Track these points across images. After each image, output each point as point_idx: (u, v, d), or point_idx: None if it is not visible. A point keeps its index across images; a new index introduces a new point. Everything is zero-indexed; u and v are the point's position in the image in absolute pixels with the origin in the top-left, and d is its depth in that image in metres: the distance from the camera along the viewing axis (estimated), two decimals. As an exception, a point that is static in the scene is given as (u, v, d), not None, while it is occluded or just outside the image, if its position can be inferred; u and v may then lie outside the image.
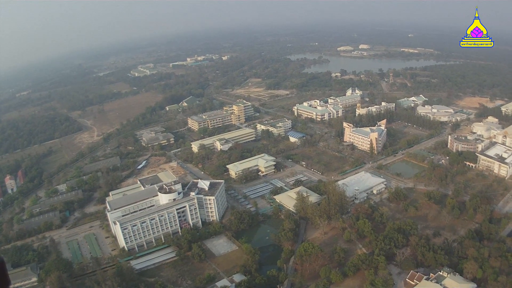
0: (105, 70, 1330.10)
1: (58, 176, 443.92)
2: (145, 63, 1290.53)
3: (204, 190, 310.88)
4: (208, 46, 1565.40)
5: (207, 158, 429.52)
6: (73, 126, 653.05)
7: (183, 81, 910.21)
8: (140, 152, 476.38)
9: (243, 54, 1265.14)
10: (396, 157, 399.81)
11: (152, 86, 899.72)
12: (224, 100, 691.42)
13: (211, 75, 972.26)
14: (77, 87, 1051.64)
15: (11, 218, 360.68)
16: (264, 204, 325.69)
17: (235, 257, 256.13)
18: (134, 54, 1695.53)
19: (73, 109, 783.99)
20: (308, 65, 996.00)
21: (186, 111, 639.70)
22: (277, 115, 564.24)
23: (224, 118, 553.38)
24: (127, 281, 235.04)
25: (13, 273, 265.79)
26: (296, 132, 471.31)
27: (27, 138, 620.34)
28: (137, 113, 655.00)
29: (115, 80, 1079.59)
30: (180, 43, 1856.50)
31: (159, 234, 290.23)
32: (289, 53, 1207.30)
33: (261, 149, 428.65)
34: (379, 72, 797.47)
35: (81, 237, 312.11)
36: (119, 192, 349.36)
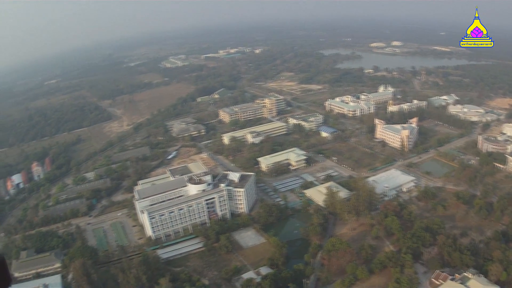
0: (135, 60, 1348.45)
1: (86, 164, 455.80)
2: (176, 55, 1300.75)
3: (234, 182, 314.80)
4: (240, 39, 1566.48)
5: (238, 150, 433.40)
6: (103, 115, 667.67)
7: (215, 73, 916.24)
8: (170, 143, 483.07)
9: (275, 48, 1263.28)
10: (426, 155, 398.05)
11: (184, 77, 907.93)
12: (256, 93, 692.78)
13: (243, 68, 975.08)
14: (107, 76, 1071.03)
15: (37, 204, 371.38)
16: (294, 198, 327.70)
17: (263, 250, 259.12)
18: (165, 45, 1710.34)
19: (103, 98, 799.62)
20: (341, 61, 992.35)
21: (218, 103, 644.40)
22: (309, 109, 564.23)
23: (255, 111, 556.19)
24: (153, 270, 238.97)
25: (36, 258, 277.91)
26: (328, 127, 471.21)
27: (55, 126, 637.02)
28: (168, 103, 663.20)
29: (146, 70, 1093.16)
30: (212, 35, 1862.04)
31: (187, 224, 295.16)
32: (322, 48, 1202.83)
33: (293, 143, 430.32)
34: (411, 70, 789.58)
35: (108, 225, 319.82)
36: (147, 181, 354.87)
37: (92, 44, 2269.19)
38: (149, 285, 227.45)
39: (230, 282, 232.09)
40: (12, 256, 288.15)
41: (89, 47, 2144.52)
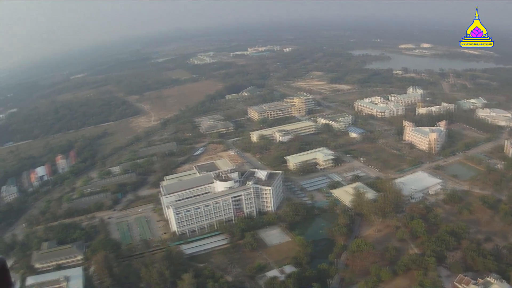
0: (164, 56, 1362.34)
1: (112, 158, 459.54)
2: (205, 52, 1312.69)
3: (261, 180, 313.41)
4: (270, 38, 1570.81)
5: (266, 148, 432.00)
6: (130, 110, 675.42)
7: (244, 70, 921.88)
8: (197, 139, 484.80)
9: (305, 47, 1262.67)
10: (453, 158, 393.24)
11: (212, 75, 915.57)
12: (285, 91, 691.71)
13: (272, 66, 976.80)
14: (134, 72, 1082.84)
15: (60, 197, 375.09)
16: (321, 197, 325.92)
17: (287, 249, 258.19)
18: (194, 42, 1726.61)
19: (130, 93, 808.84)
20: (370, 61, 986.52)
21: (246, 101, 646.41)
22: (338, 109, 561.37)
23: (284, 110, 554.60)
24: (176, 265, 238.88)
25: (58, 250, 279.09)
26: (356, 128, 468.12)
27: (81, 119, 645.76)
28: (196, 100, 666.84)
29: (174, 66, 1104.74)
30: (241, 33, 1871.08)
31: (213, 221, 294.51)
32: (351, 48, 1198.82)
33: (321, 143, 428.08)
34: (440, 72, 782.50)
35: (132, 219, 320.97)
36: (174, 177, 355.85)
37: (120, 40, 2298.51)
38: (171, 280, 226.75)
39: (254, 279, 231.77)
40: (33, 247, 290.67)
41: (117, 43, 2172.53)
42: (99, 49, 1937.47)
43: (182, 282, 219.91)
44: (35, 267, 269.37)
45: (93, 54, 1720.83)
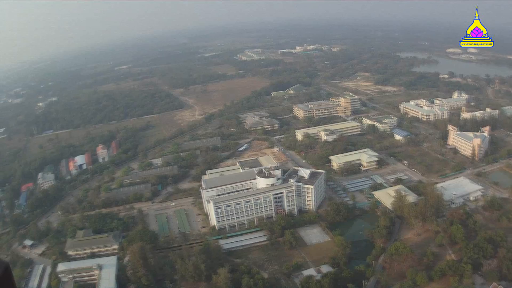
0: (211, 51, 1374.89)
1: (154, 150, 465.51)
2: (252, 48, 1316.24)
3: (303, 179, 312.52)
4: (318, 37, 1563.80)
5: (310, 147, 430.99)
6: (174, 103, 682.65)
7: (291, 68, 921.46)
8: (242, 135, 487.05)
9: (353, 47, 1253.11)
10: (495, 165, 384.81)
11: (259, 71, 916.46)
12: (331, 91, 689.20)
13: (320, 65, 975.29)
14: (180, 65, 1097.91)
15: (99, 186, 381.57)
16: (362, 198, 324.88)
17: (326, 248, 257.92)
18: (242, 38, 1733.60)
19: (175, 86, 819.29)
20: (417, 64, 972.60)
21: (292, 99, 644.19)
22: (384, 111, 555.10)
23: (330, 109, 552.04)
24: (213, 259, 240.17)
25: (93, 239, 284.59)
26: (401, 130, 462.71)
27: (124, 110, 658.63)
28: (242, 96, 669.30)
29: (221, 62, 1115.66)
30: (289, 31, 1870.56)
31: (253, 217, 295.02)
32: (399, 50, 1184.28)
33: (366, 144, 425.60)
34: (485, 78, 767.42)
35: (171, 211, 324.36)
36: (216, 171, 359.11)
37: (167, 34, 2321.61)
38: (207, 274, 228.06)
39: (290, 277, 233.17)
40: (68, 234, 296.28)
41: (163, 36, 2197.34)
42: (145, 42, 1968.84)
43: (217, 277, 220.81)
44: (68, 254, 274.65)
45: (139, 47, 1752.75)
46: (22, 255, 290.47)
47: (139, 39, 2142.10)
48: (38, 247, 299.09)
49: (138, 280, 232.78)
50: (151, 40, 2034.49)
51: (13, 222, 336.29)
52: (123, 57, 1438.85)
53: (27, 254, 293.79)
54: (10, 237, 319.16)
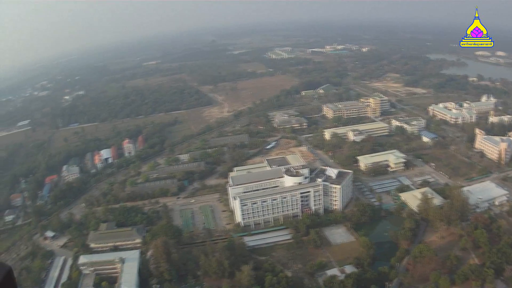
0: (240, 49, 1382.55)
1: (181, 146, 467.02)
2: (282, 46, 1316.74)
3: (331, 178, 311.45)
4: (347, 36, 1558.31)
5: (338, 147, 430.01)
6: (203, 100, 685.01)
7: (321, 68, 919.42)
8: (270, 133, 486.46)
9: (382, 48, 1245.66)
10: None
11: (289, 70, 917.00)
12: (360, 91, 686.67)
13: (349, 65, 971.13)
14: (209, 62, 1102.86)
15: (124, 180, 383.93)
16: (389, 200, 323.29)
17: (350, 249, 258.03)
18: (271, 36, 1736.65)
19: (204, 83, 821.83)
20: (446, 67, 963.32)
21: (322, 98, 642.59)
22: (412, 113, 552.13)
23: (359, 110, 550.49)
24: (236, 256, 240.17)
25: (116, 232, 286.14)
26: (429, 133, 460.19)
27: (151, 105, 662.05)
28: (271, 94, 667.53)
29: (250, 59, 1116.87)
30: (319, 30, 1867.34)
31: (278, 215, 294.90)
32: (428, 52, 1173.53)
33: (393, 145, 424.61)
34: None
35: (197, 207, 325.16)
36: (243, 169, 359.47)
37: (195, 31, 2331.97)
38: (230, 270, 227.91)
39: (313, 277, 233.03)
40: (91, 227, 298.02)
41: (191, 33, 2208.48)
42: (173, 39, 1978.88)
43: (240, 274, 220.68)
44: (90, 247, 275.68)
45: (167, 43, 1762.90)
46: (43, 246, 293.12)
47: (167, 36, 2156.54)
48: (59, 239, 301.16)
49: (160, 274, 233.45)
50: (179, 37, 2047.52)
51: (35, 213, 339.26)
52: (151, 53, 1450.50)
53: (48, 245, 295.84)
54: (31, 228, 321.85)
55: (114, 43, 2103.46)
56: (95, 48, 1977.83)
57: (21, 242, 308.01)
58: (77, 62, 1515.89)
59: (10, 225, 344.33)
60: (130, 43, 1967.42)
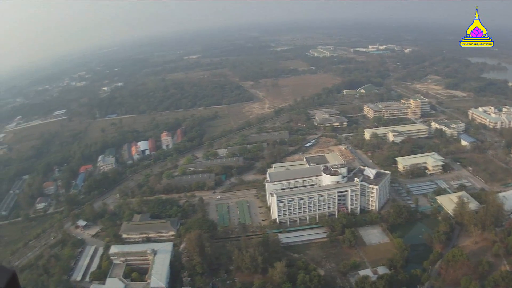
0: (282, 45, 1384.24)
1: (220, 141, 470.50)
2: (325, 45, 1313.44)
3: (369, 178, 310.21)
4: (390, 36, 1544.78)
5: (378, 147, 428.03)
6: (244, 95, 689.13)
7: (363, 67, 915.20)
8: (310, 131, 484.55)
9: (424, 49, 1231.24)
10: None
11: (331, 68, 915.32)
12: (401, 92, 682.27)
13: (391, 65, 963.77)
14: (251, 58, 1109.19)
15: (161, 172, 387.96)
16: (425, 202, 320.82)
17: (384, 250, 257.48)
18: (314, 34, 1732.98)
19: (245, 79, 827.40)
20: (487, 70, 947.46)
21: (363, 98, 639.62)
22: (452, 115, 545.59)
23: (400, 111, 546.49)
24: (270, 252, 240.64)
25: (150, 223, 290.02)
26: (468, 136, 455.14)
27: (191, 99, 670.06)
28: (312, 92, 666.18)
29: (293, 57, 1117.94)
30: (362, 30, 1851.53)
31: (315, 213, 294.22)
32: (469, 55, 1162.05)
33: (432, 147, 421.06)
34: None
35: (233, 202, 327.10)
36: (282, 165, 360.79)
37: (237, 26, 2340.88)
38: (263, 266, 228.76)
39: (346, 276, 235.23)
40: (124, 217, 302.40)
41: (235, 28, 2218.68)
42: (216, 33, 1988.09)
43: (273, 270, 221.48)
44: (123, 237, 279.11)
45: (209, 38, 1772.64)
46: (74, 235, 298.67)
47: (209, 31, 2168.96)
48: (91, 228, 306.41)
49: (192, 267, 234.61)
50: (222, 32, 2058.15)
51: (67, 201, 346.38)
52: (193, 47, 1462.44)
53: (80, 234, 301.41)
54: (63, 216, 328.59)
55: (156, 37, 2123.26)
56: (136, 41, 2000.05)
57: (52, 229, 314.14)
58: (117, 54, 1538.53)
59: (41, 213, 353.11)
60: (172, 37, 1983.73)
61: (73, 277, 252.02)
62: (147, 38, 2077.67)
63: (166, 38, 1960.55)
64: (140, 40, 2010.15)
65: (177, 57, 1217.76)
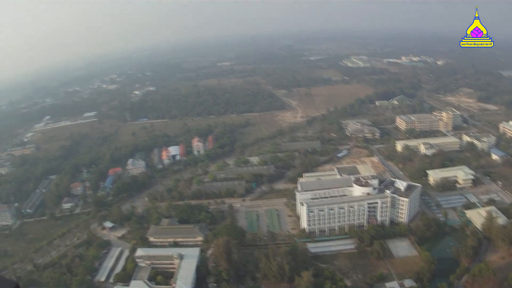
0: (316, 55, 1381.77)
1: (251, 148, 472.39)
2: (358, 55, 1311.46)
3: (399, 190, 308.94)
4: (422, 48, 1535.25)
5: (409, 159, 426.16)
6: (276, 104, 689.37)
7: (396, 78, 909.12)
8: (342, 141, 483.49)
9: (456, 62, 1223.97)
10: None
11: (364, 79, 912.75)
12: (434, 104, 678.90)
13: (424, 77, 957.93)
14: (284, 66, 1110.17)
15: (191, 178, 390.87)
16: (454, 216, 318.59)
17: (412, 262, 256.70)
18: (347, 43, 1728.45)
19: (278, 87, 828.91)
20: None
21: (395, 109, 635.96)
22: (483, 129, 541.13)
23: (432, 123, 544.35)
24: (298, 261, 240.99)
25: (178, 228, 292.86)
26: (499, 150, 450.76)
27: (223, 106, 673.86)
28: (345, 102, 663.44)
29: (326, 66, 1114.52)
30: (395, 40, 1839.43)
31: (344, 224, 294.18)
32: (501, 68, 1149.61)
33: (463, 161, 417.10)
34: None
35: (263, 210, 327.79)
36: (313, 175, 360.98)
37: (271, 34, 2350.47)
38: (290, 275, 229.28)
39: None
40: (152, 221, 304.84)
41: (268, 36, 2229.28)
42: (250, 40, 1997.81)
43: (300, 279, 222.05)
44: (149, 240, 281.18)
45: (243, 45, 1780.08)
46: (100, 236, 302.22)
47: (243, 38, 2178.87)
48: (118, 230, 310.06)
49: (218, 273, 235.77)
50: (256, 39, 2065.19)
51: (95, 203, 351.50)
52: (225, 53, 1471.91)
53: (106, 235, 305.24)
54: (90, 217, 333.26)
55: (189, 42, 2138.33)
56: (169, 46, 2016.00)
57: (77, 230, 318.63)
58: (150, 58, 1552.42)
59: (67, 213, 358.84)
60: (206, 44, 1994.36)
61: (97, 278, 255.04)
62: (179, 44, 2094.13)
63: (199, 44, 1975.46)
64: (172, 46, 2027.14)
65: (210, 64, 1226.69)
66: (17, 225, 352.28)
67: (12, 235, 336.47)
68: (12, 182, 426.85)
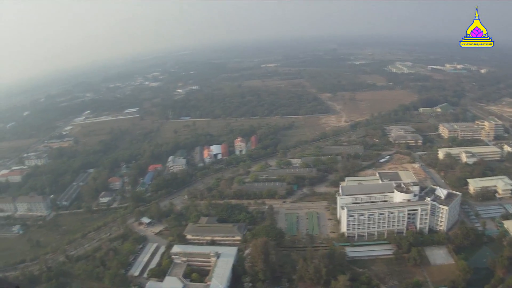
0: (360, 59, 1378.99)
1: (294, 150, 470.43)
2: (403, 61, 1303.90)
3: (439, 198, 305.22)
4: (466, 56, 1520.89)
5: (451, 167, 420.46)
6: (321, 107, 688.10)
7: (440, 86, 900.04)
8: (385, 147, 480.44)
9: (500, 70, 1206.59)
10: None
11: (408, 85, 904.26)
12: (476, 113, 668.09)
13: (468, 85, 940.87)
14: (329, 70, 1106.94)
15: (232, 178, 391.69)
16: (492, 226, 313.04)
17: (448, 271, 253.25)
18: (393, 49, 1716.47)
19: (323, 91, 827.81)
20: None
21: (439, 117, 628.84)
22: None
23: (474, 132, 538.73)
24: (335, 265, 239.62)
25: (216, 227, 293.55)
26: None
27: (268, 107, 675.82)
28: (389, 108, 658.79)
29: (371, 71, 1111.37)
30: (440, 47, 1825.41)
31: (383, 230, 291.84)
32: None
33: (503, 171, 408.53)
34: None
35: (303, 212, 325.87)
36: (355, 179, 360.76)
37: (318, 36, 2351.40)
38: (326, 278, 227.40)
39: None
40: (190, 219, 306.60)
41: (314, 39, 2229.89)
42: (295, 43, 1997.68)
43: (336, 283, 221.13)
44: (187, 238, 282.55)
45: (289, 47, 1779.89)
46: (136, 231, 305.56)
47: (289, 40, 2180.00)
48: (155, 226, 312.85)
49: (255, 274, 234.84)
50: (301, 42, 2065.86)
51: (133, 198, 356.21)
52: (270, 55, 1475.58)
53: (142, 231, 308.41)
54: (127, 212, 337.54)
55: (234, 42, 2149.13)
56: (214, 45, 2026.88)
57: (114, 224, 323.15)
58: (193, 57, 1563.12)
59: (104, 206, 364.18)
60: (250, 45, 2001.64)
61: (131, 272, 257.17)
62: (223, 45, 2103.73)
63: (243, 45, 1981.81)
64: (218, 45, 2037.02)
65: (254, 65, 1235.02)
66: (51, 216, 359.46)
67: (46, 226, 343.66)
68: (48, 174, 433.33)
